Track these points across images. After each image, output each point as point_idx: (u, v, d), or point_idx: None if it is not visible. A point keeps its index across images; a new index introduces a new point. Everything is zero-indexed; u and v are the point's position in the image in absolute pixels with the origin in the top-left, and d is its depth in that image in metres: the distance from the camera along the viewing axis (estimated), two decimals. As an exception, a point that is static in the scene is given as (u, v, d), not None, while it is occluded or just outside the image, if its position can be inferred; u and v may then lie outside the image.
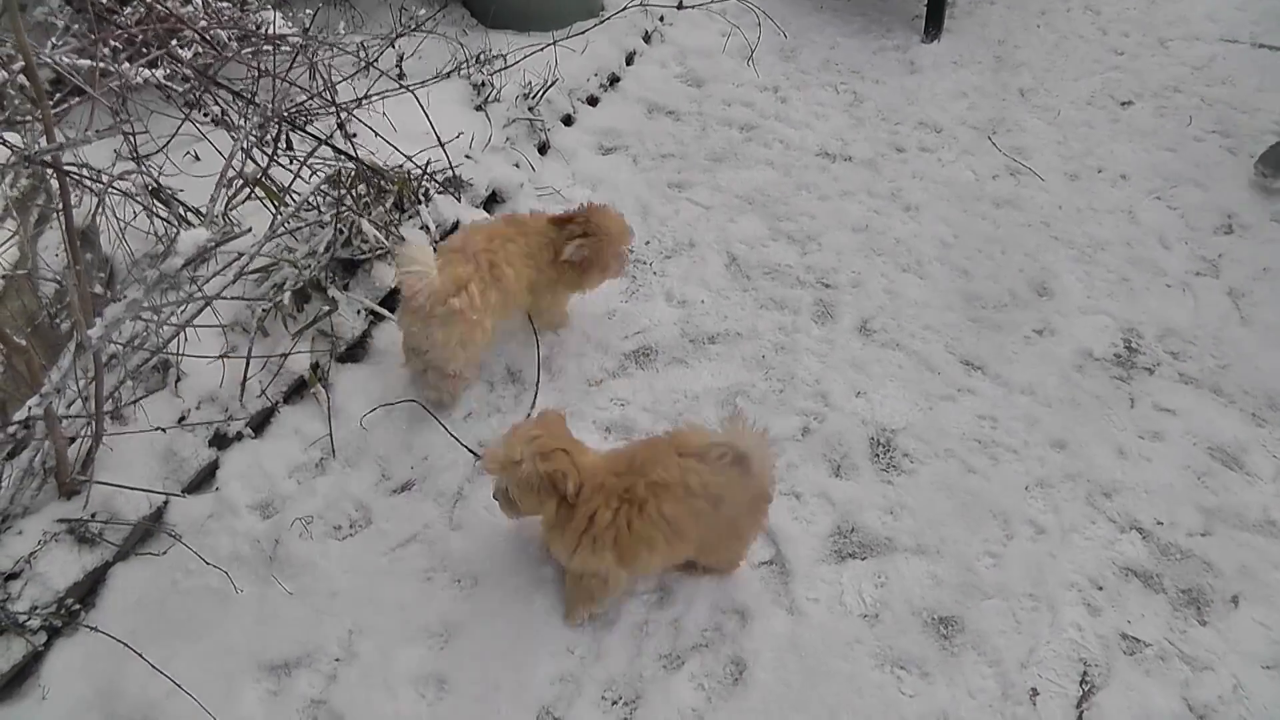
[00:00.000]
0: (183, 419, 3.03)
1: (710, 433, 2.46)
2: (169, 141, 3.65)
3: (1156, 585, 2.90)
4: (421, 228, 3.61)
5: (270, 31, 3.84)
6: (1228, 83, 5.44)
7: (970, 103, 5.03)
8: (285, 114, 3.47)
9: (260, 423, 3.14)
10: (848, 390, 3.37)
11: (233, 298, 3.14)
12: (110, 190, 2.97)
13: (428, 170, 3.73)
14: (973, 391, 3.42)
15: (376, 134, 3.73)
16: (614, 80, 4.94)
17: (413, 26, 4.41)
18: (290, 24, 4.00)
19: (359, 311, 3.40)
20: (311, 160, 3.44)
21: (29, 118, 3.03)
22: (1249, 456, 3.31)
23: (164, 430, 2.93)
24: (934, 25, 5.53)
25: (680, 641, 2.65)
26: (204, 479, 2.98)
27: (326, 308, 3.30)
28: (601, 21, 5.00)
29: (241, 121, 3.55)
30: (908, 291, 3.81)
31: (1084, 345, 3.67)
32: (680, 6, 5.55)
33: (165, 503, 2.87)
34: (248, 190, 3.38)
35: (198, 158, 3.74)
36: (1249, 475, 3.25)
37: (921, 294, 3.81)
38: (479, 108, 4.29)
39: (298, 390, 3.23)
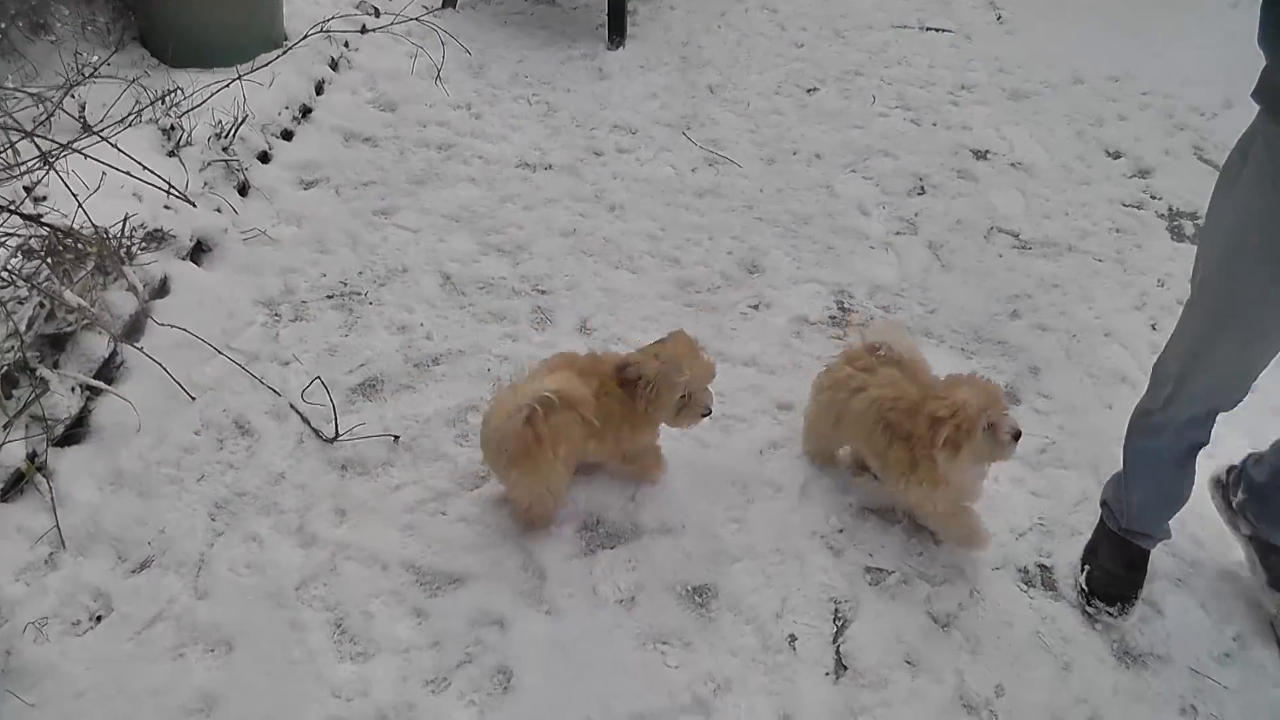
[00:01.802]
0: None
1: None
2: None
3: (892, 518, 3.11)
4: (128, 289, 3.44)
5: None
6: (903, 63, 6.02)
7: (662, 102, 5.31)
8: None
9: (-30, 529, 2.87)
10: (578, 393, 3.45)
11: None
12: None
13: (126, 227, 3.55)
14: (699, 371, 3.57)
15: (72, 193, 3.49)
16: (306, 111, 4.90)
17: (89, 73, 4.17)
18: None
19: (74, 388, 3.19)
20: None
21: None
22: None
23: None
24: (617, 32, 5.84)
25: (444, 661, 2.62)
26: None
27: (37, 390, 3.08)
28: (285, 51, 4.92)
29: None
30: (622, 287, 3.96)
31: (799, 313, 3.93)
32: (363, 31, 5.58)
33: None
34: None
35: None
36: (961, 403, 3.56)
37: (636, 288, 3.97)
38: (171, 153, 4.13)
39: (15, 485, 2.98)
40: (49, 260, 3.28)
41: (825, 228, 4.46)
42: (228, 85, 4.40)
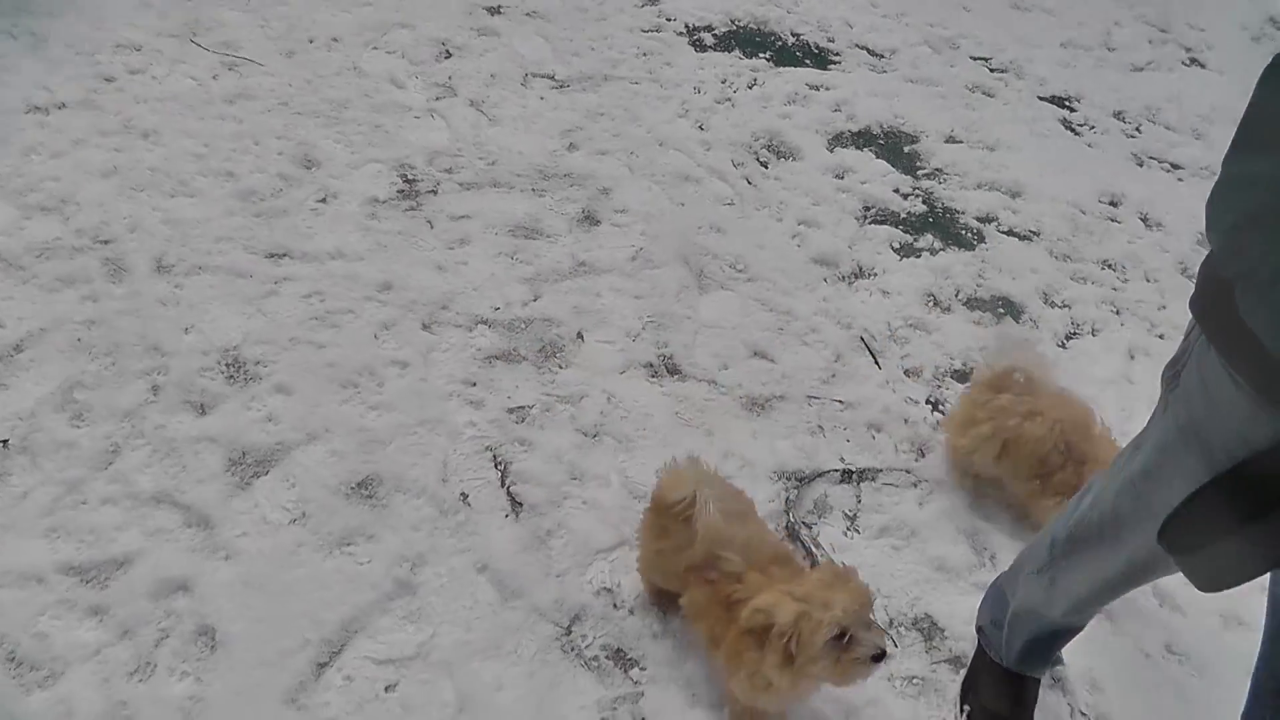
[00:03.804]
0: None
1: None
2: None
3: (517, 357, 3.27)
4: None
5: None
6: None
7: (158, 11, 4.86)
8: None
9: None
10: (176, 331, 3.23)
11: None
12: None
13: None
14: (290, 278, 3.48)
15: None
16: None
17: None
18: None
19: None
20: None
21: None
22: (542, 223, 3.83)
23: None
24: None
25: (141, 647, 2.44)
26: None
27: None
28: None
29: None
30: (185, 214, 3.70)
31: (368, 195, 3.89)
32: None
33: None
34: None
35: None
36: (548, 237, 3.77)
37: (200, 211, 3.72)
38: None
39: None
40: None
41: (366, 108, 4.39)
42: None
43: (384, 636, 2.51)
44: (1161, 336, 3.97)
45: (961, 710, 2.54)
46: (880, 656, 2.04)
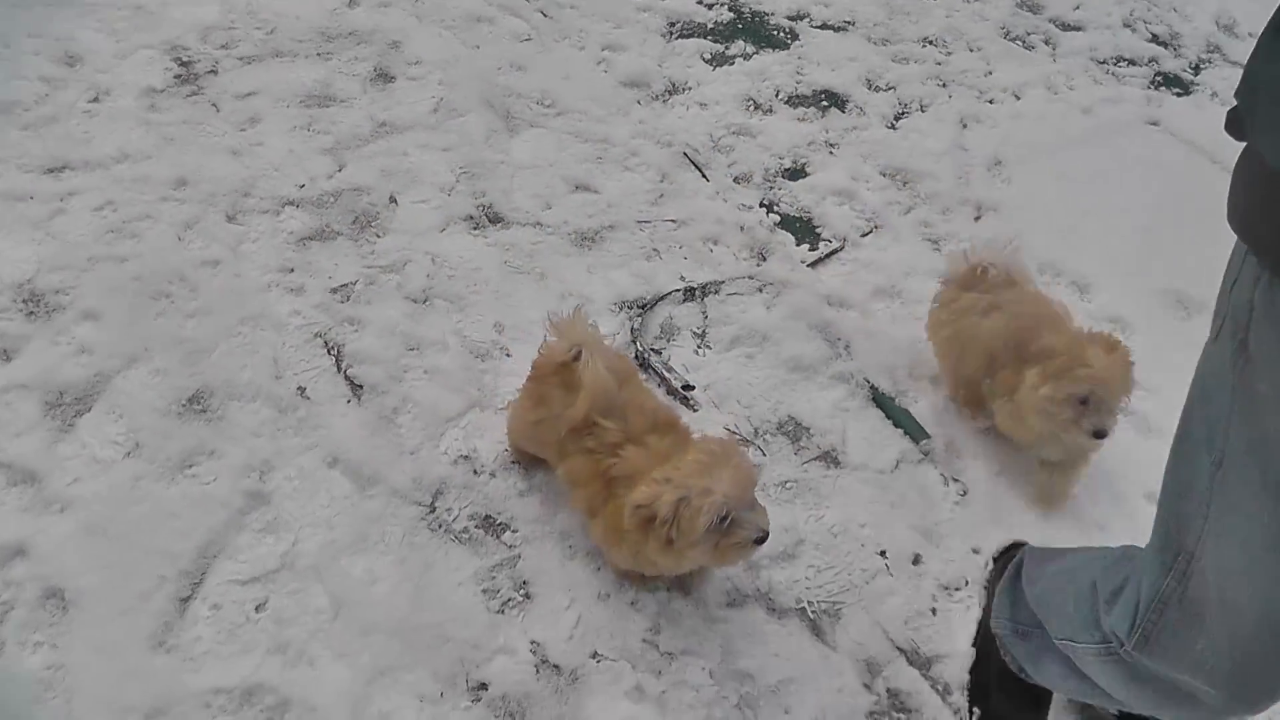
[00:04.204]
0: None
1: None
2: None
3: (330, 233, 3.17)
4: None
5: None
6: None
7: None
8: None
9: None
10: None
11: None
12: None
13: None
14: (75, 192, 3.22)
15: None
16: None
17: None
18: None
19: None
20: None
21: None
22: (334, 88, 3.69)
23: None
24: None
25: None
26: None
27: None
28: None
29: None
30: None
31: (143, 85, 3.62)
32: None
33: None
34: None
35: None
36: (343, 102, 3.61)
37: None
38: None
39: None
40: None
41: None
42: None
43: (244, 555, 2.44)
44: (991, 101, 4.05)
45: (971, 714, 2.34)
46: (763, 539, 2.08)
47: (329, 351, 2.89)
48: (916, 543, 2.63)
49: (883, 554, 2.60)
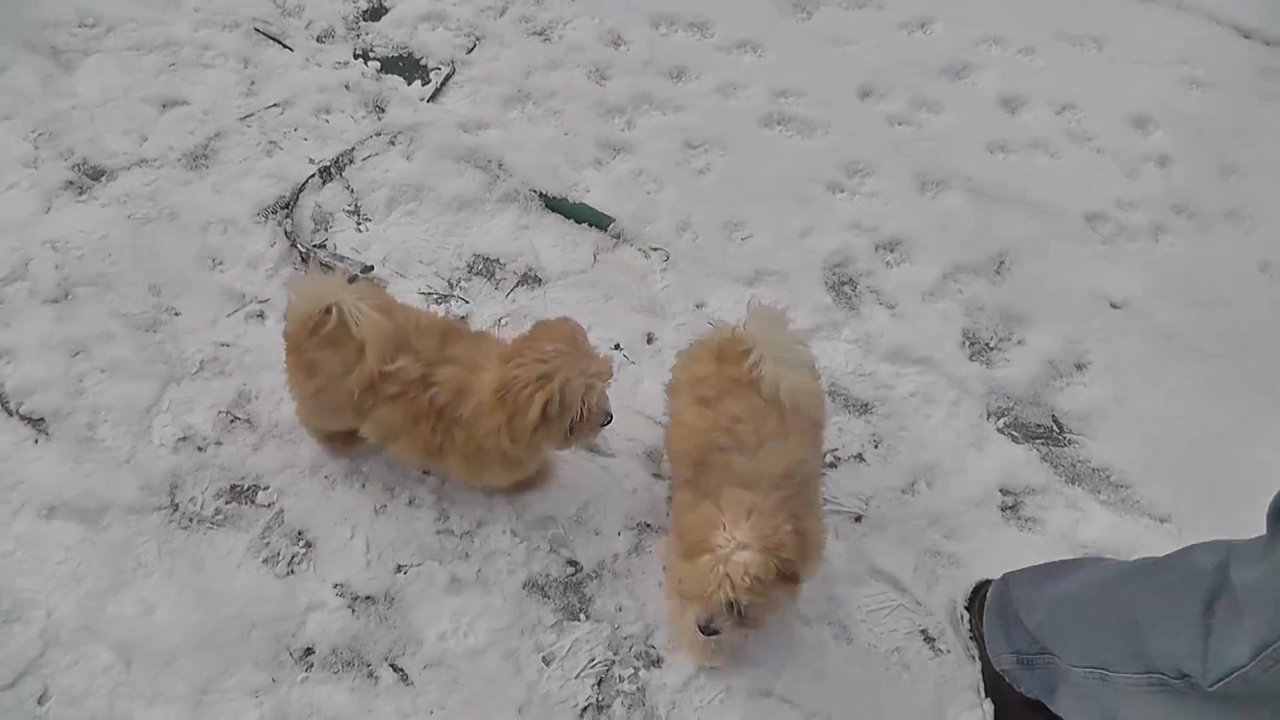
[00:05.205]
0: None
1: None
2: None
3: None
4: None
5: None
6: None
7: None
8: None
9: None
10: None
11: None
12: None
13: None
14: None
15: None
16: None
17: None
18: None
19: None
20: None
21: None
22: None
23: None
24: None
25: None
26: None
27: None
28: None
29: None
30: None
31: None
32: None
33: None
34: None
35: None
36: None
37: None
38: None
39: None
40: None
41: None
42: None
43: (1, 651, 2.20)
44: None
45: None
46: (609, 421, 2.11)
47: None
48: (646, 323, 2.68)
49: (617, 347, 2.64)
